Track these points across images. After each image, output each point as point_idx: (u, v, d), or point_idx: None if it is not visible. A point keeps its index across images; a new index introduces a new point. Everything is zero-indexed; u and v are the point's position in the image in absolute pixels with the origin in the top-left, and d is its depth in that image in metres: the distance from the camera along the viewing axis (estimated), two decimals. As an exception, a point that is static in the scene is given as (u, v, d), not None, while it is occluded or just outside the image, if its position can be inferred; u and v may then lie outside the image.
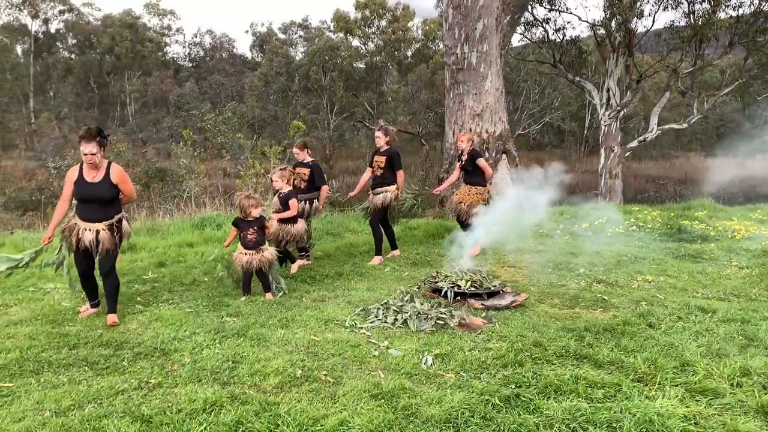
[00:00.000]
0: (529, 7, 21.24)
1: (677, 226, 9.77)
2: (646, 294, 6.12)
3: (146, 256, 8.20)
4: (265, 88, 43.15)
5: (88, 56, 50.04)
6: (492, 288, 5.98)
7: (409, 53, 48.87)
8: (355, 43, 47.52)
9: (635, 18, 20.56)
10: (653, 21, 22.23)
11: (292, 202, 6.94)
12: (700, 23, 19.64)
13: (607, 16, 20.64)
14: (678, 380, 3.86)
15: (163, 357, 4.47)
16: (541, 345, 4.50)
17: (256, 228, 6.23)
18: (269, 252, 6.28)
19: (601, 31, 21.57)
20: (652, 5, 21.17)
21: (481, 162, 8.09)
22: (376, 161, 7.93)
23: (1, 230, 10.78)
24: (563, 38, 22.77)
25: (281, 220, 6.96)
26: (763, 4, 19.08)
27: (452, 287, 5.95)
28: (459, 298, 5.86)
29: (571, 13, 23.59)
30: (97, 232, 5.30)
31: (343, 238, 9.37)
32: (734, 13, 19.85)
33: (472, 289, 5.94)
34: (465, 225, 8.21)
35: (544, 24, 22.75)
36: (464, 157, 8.17)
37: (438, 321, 5.16)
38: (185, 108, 40.65)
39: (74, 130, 35.40)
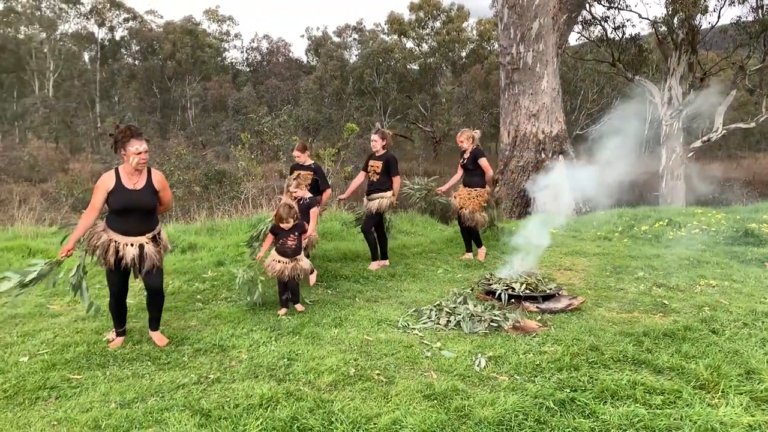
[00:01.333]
0: (587, 6, 20.84)
1: (744, 229, 9.39)
2: (710, 299, 5.91)
3: (206, 255, 8.43)
4: (319, 91, 43.71)
5: (150, 62, 51.81)
6: (547, 291, 5.90)
7: (464, 54, 48.67)
8: (409, 44, 47.69)
9: (699, 14, 19.90)
10: (718, 17, 21.57)
11: (313, 211, 6.52)
12: (769, 18, 18.84)
13: (669, 12, 20.05)
14: (743, 388, 3.72)
15: (221, 353, 4.60)
16: (597, 349, 4.41)
17: (296, 234, 5.80)
18: (304, 261, 5.86)
19: (663, 28, 20.96)
20: (717, 0, 20.46)
21: (483, 162, 7.83)
22: (371, 166, 7.61)
23: (70, 230, 11.28)
24: (622, 36, 22.25)
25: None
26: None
27: (506, 290, 5.91)
28: (513, 300, 5.81)
29: (630, 10, 23.05)
30: (141, 246, 4.65)
31: (396, 239, 9.40)
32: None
33: (527, 291, 5.88)
34: (469, 230, 8.05)
35: (602, 22, 22.29)
36: (466, 156, 7.93)
37: (491, 323, 5.12)
38: (243, 112, 41.58)
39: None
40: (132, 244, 4.62)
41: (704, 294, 6.17)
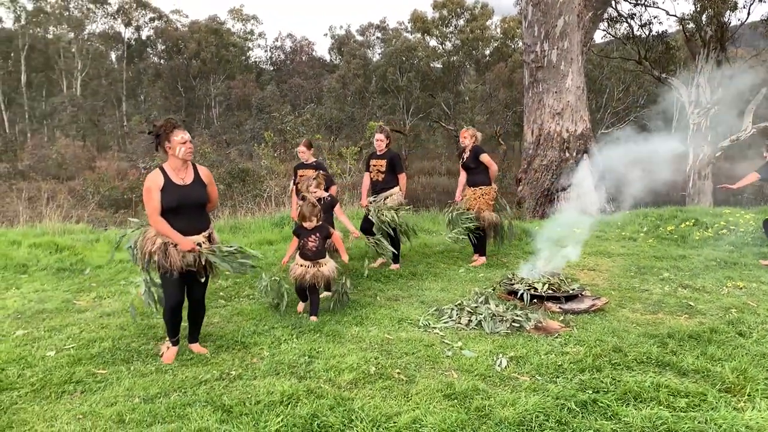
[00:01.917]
0: (613, 3, 20.58)
1: (772, 230, 9.20)
2: (737, 301, 5.81)
3: (228, 253, 8.50)
4: (342, 89, 43.79)
5: (175, 61, 52.32)
6: (570, 291, 5.84)
7: (488, 52, 48.41)
8: (433, 43, 47.54)
9: (728, 11, 19.56)
10: (748, 13, 21.00)
11: (338, 209, 6.35)
12: (800, 14, 18.43)
13: (698, 9, 19.74)
14: (770, 392, 3.65)
15: (243, 350, 4.63)
16: (620, 350, 4.36)
17: (318, 236, 5.52)
18: (328, 267, 5.53)
19: (691, 25, 20.63)
20: (747, -4, 20.07)
21: (485, 157, 7.56)
22: (374, 165, 7.39)
23: (96, 227, 11.47)
24: (649, 34, 21.96)
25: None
26: None
27: (529, 290, 5.86)
28: (536, 300, 5.77)
29: (657, 7, 22.87)
30: (199, 245, 4.40)
31: (417, 237, 9.38)
32: (840, 3, 18.54)
33: (550, 292, 5.82)
34: (477, 231, 7.64)
35: (628, 19, 22.04)
36: (466, 155, 7.67)
37: (513, 323, 5.09)
38: (266, 110, 41.82)
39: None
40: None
41: (731, 296, 6.07)
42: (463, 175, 7.95)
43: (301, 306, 5.67)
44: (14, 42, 46.29)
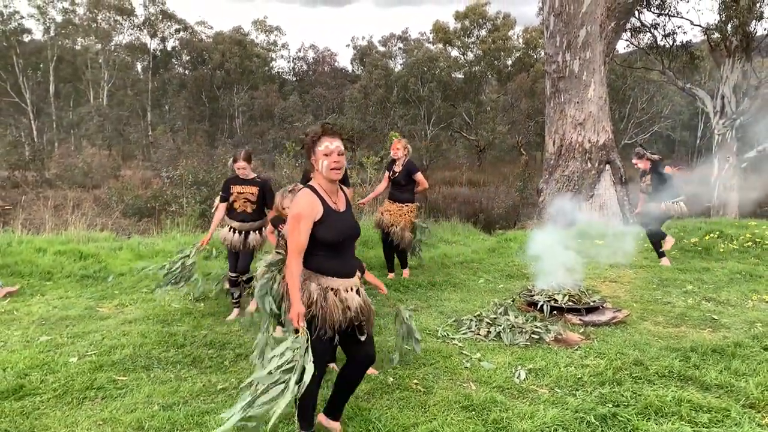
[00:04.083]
0: (636, 13, 20.43)
1: (800, 243, 9.03)
2: (762, 315, 5.70)
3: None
4: (364, 99, 43.92)
5: (200, 71, 52.89)
6: (591, 303, 5.79)
7: (509, 62, 48.33)
8: (454, 53, 47.57)
9: (754, 20, 19.30)
10: (775, 22, 20.71)
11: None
12: (829, 23, 18.14)
13: (723, 19, 19.50)
14: (796, 409, 3.57)
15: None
16: (642, 364, 4.30)
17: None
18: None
19: (716, 35, 20.38)
20: (773, 6, 19.77)
21: (419, 176, 7.25)
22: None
23: (120, 235, 11.62)
24: (673, 44, 21.72)
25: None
26: None
27: (549, 301, 5.82)
28: (556, 312, 5.73)
29: (681, 17, 22.39)
30: (358, 292, 3.26)
31: (437, 248, 9.36)
32: None
33: (570, 303, 5.78)
34: (397, 248, 7.40)
35: (652, 29, 21.82)
36: (397, 168, 7.29)
37: (533, 335, 5.06)
38: (289, 120, 42.11)
39: (187, 142, 37.55)
40: (352, 289, 3.23)
41: (757, 309, 5.96)
42: (383, 185, 7.62)
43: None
44: (43, 53, 47.22)
